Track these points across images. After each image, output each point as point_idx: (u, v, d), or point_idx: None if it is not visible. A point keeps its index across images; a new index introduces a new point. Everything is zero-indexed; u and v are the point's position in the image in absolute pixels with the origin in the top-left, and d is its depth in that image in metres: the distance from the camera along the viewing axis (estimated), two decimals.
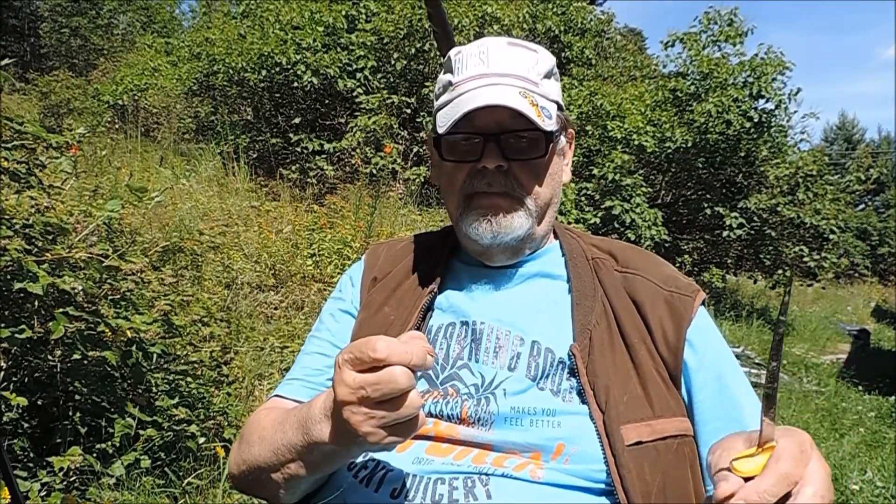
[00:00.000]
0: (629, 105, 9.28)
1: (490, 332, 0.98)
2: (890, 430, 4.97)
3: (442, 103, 1.01)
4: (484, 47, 0.99)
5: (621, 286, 0.99)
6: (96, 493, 2.04)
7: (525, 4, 9.34)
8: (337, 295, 1.14)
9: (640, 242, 8.35)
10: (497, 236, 0.97)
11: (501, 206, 0.97)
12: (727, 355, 0.97)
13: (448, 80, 1.01)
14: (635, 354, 0.92)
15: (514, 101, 0.91)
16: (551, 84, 1.02)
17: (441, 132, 0.95)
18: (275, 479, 0.89)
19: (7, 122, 2.15)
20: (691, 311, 0.96)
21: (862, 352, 10.51)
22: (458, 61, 1.01)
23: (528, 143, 0.96)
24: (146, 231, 4.16)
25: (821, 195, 9.92)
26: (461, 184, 0.99)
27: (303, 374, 1.06)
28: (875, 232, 28.93)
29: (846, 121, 40.39)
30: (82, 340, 2.02)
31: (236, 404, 2.77)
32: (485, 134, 0.95)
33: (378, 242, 1.21)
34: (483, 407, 0.90)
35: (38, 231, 2.05)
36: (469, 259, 1.08)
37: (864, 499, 3.23)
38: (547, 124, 0.94)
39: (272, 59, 7.99)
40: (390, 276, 1.09)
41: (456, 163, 0.98)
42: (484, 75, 0.96)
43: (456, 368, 0.97)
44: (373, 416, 0.70)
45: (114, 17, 16.27)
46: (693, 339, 0.94)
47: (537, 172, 0.98)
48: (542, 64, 1.00)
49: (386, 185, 7.27)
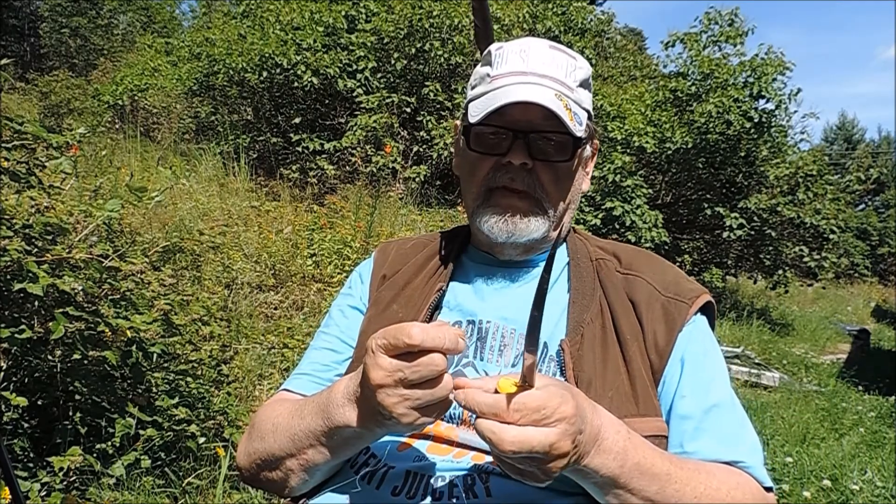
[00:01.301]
0: (629, 105, 9.28)
1: (496, 330, 0.99)
2: (890, 430, 4.97)
3: (477, 94, 1.01)
4: (526, 45, 1.00)
5: (621, 287, 1.00)
6: (96, 493, 2.04)
7: (525, 4, 9.33)
8: (346, 291, 1.16)
9: (640, 244, 8.35)
10: (511, 236, 0.99)
11: (520, 209, 0.98)
12: (702, 365, 0.95)
13: (486, 72, 1.02)
14: (627, 352, 0.93)
15: (549, 101, 0.92)
16: (585, 93, 1.03)
17: (472, 122, 0.96)
18: (289, 467, 0.91)
19: (7, 122, 2.14)
20: (685, 317, 0.96)
21: (862, 352, 10.50)
22: (498, 56, 1.01)
23: (556, 146, 0.96)
24: (146, 231, 4.16)
25: (821, 195, 9.91)
26: (484, 176, 0.99)
27: (311, 368, 1.07)
28: (875, 232, 28.91)
29: (846, 121, 40.38)
30: (82, 340, 2.03)
31: (236, 404, 2.77)
32: (515, 130, 0.95)
33: (388, 240, 1.23)
34: None
35: (38, 231, 2.05)
36: (478, 256, 1.09)
37: (864, 499, 3.22)
38: (577, 129, 0.94)
39: (273, 60, 7.99)
40: (399, 274, 1.10)
41: (482, 154, 0.99)
42: (522, 73, 0.97)
43: (461, 366, 0.98)
44: (408, 398, 0.74)
45: (114, 17, 16.27)
46: (681, 343, 0.95)
47: (560, 176, 0.99)
48: (579, 71, 1.01)
49: (386, 185, 7.27)
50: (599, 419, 0.75)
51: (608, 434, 0.75)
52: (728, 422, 0.92)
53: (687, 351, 0.95)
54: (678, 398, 0.92)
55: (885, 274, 27.76)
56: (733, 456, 0.88)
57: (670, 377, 0.94)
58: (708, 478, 0.82)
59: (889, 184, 32.66)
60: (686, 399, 0.91)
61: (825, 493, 3.26)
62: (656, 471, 0.78)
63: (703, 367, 0.94)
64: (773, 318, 11.63)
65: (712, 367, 0.96)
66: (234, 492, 2.30)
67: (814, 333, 11.73)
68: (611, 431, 0.76)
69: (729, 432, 0.91)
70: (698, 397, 0.91)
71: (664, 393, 0.94)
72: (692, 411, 0.90)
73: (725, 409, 0.92)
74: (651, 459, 0.78)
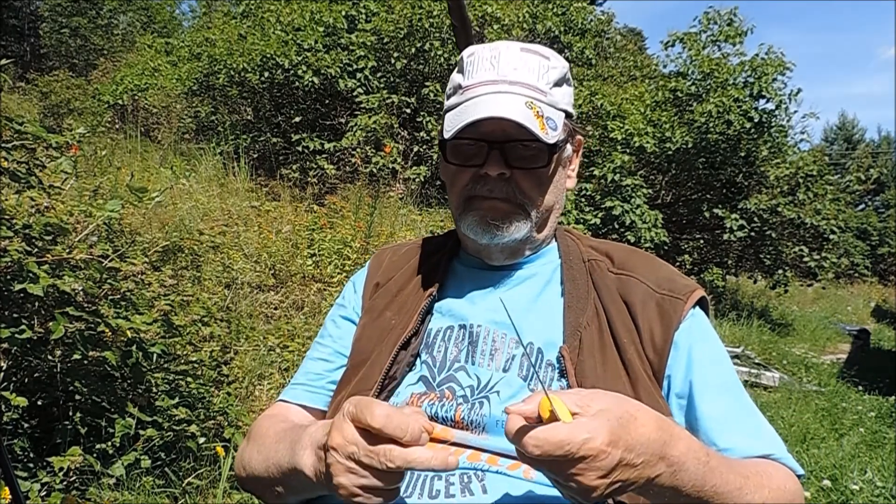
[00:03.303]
0: (629, 105, 9.28)
1: (486, 334, 1.00)
2: (890, 430, 4.97)
3: (451, 105, 1.02)
4: (496, 51, 0.99)
5: (615, 288, 1.00)
6: (96, 493, 2.04)
7: (525, 4, 9.34)
8: (340, 301, 1.17)
9: (640, 243, 8.35)
10: (495, 237, 0.99)
11: (500, 209, 0.98)
12: (712, 361, 0.95)
13: (459, 81, 1.02)
14: (625, 355, 0.93)
15: (519, 113, 0.91)
16: (561, 92, 1.02)
17: (446, 137, 0.96)
18: (268, 491, 0.94)
19: (7, 122, 2.15)
20: (681, 314, 0.96)
21: (862, 352, 10.51)
22: (469, 64, 1.01)
23: (532, 153, 0.96)
24: (146, 231, 4.16)
25: (821, 195, 9.91)
26: (463, 186, 1.00)
27: (306, 378, 1.09)
28: (875, 232, 28.89)
29: (846, 121, 40.37)
30: (82, 340, 2.03)
31: (236, 404, 2.77)
32: (489, 141, 0.95)
33: (383, 247, 1.23)
34: (476, 410, 0.91)
35: (38, 231, 2.05)
36: (469, 260, 1.10)
37: (864, 499, 3.23)
38: (551, 136, 0.93)
39: (274, 61, 8.00)
40: (392, 281, 1.12)
41: (460, 166, 1.00)
42: (493, 81, 0.97)
43: (453, 371, 0.99)
44: (354, 472, 0.72)
45: (114, 17, 16.28)
46: (679, 341, 0.95)
47: (539, 181, 0.99)
48: (553, 72, 1.00)
49: (386, 185, 7.28)
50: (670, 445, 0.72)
51: (683, 459, 0.72)
52: (746, 414, 0.93)
53: (693, 347, 0.94)
54: (698, 397, 0.92)
55: (885, 274, 27.75)
56: (764, 449, 0.90)
57: (676, 375, 0.94)
58: (769, 480, 0.83)
59: (889, 184, 32.66)
60: (705, 397, 0.92)
61: (825, 493, 3.26)
62: (730, 488, 0.77)
63: (713, 361, 0.95)
64: (774, 318, 11.63)
65: (721, 361, 0.96)
66: (234, 492, 2.30)
67: (814, 333, 11.74)
68: (689, 458, 0.73)
69: (751, 425, 0.92)
70: (716, 394, 0.92)
71: (672, 391, 0.94)
72: (714, 409, 0.91)
73: (741, 401, 0.94)
74: (726, 478, 0.77)
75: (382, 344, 1.02)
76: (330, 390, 1.07)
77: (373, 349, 1.03)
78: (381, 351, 1.01)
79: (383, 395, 0.98)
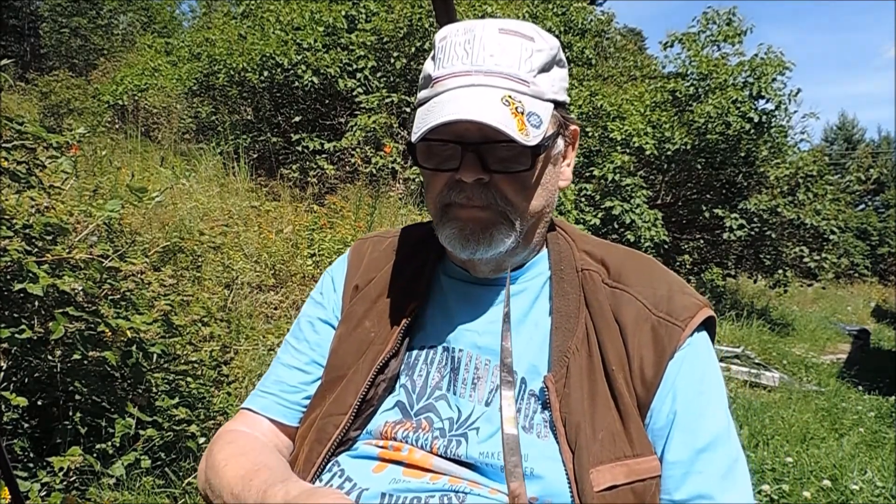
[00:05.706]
0: (629, 105, 9.28)
1: (468, 360, 0.91)
2: (890, 430, 4.97)
3: (421, 100, 0.89)
4: (471, 34, 0.85)
5: (607, 304, 0.89)
6: (96, 493, 2.04)
7: (525, 4, 9.34)
8: (318, 299, 1.07)
9: (640, 243, 8.36)
10: (476, 252, 0.87)
11: (480, 219, 0.86)
12: (704, 394, 0.86)
13: (429, 72, 0.89)
14: (614, 384, 0.84)
15: (493, 112, 0.79)
16: (549, 78, 0.88)
17: (413, 140, 0.83)
18: None
19: (7, 122, 2.15)
20: (676, 343, 0.85)
21: (862, 352, 10.52)
22: (440, 49, 0.88)
23: (513, 154, 0.84)
24: (146, 231, 4.16)
25: (821, 195, 9.92)
26: (438, 193, 0.88)
27: (278, 389, 1.00)
28: (875, 232, 28.91)
29: (846, 121, 40.38)
30: (82, 340, 2.03)
31: (236, 404, 2.77)
32: (463, 143, 0.83)
33: (364, 238, 1.11)
34: (453, 449, 0.85)
35: (38, 231, 2.05)
36: (454, 271, 0.99)
37: (864, 499, 3.22)
38: (533, 135, 0.81)
39: (273, 60, 8.00)
40: (372, 285, 1.01)
41: (433, 171, 0.87)
42: (466, 72, 0.84)
43: (433, 399, 0.91)
44: None
45: (114, 17, 16.26)
46: (671, 372, 0.85)
47: (524, 185, 0.86)
48: (538, 55, 0.85)
49: (386, 185, 7.28)
50: None
51: None
52: (720, 460, 0.83)
53: (678, 383, 0.84)
54: (669, 440, 0.83)
55: (885, 274, 27.76)
56: (723, 499, 0.81)
57: (658, 412, 0.84)
58: None
59: (889, 184, 32.65)
60: (675, 441, 0.83)
61: (825, 493, 3.26)
62: None
63: (696, 401, 0.85)
64: (773, 318, 11.63)
65: (706, 398, 0.85)
66: None
67: (814, 333, 11.74)
68: None
69: (720, 472, 0.83)
70: (689, 438, 0.83)
71: (652, 429, 0.85)
72: (681, 455, 0.82)
73: (719, 445, 0.84)
74: None
75: (360, 361, 0.94)
76: (304, 406, 0.99)
77: (350, 365, 0.94)
78: (359, 370, 0.93)
79: (358, 422, 0.91)
